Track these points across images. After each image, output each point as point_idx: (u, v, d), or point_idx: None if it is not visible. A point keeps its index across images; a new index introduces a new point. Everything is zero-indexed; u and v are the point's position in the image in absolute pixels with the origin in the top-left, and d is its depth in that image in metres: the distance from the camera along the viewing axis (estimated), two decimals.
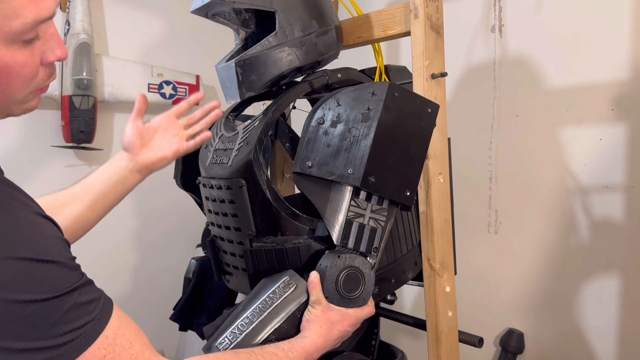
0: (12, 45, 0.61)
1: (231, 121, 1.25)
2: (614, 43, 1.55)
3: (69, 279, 0.65)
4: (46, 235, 0.65)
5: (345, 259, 0.94)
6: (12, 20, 0.59)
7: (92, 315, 0.66)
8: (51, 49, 0.67)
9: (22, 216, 0.64)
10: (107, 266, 2.05)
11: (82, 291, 0.66)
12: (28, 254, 0.61)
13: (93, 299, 0.67)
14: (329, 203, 0.97)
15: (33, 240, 0.63)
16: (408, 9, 1.11)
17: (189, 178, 1.32)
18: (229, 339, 0.91)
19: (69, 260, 0.66)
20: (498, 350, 1.87)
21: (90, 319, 0.66)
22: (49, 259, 0.63)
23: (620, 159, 1.57)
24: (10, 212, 0.63)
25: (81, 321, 0.65)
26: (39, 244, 0.63)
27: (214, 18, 1.17)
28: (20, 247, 0.61)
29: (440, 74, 1.11)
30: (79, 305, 0.65)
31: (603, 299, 1.63)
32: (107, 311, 0.69)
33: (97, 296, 0.68)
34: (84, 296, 0.66)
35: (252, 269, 1.09)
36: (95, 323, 0.66)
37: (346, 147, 0.96)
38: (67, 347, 0.63)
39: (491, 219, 1.87)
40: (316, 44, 1.12)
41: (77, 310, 0.64)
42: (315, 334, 0.91)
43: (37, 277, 0.61)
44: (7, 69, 0.62)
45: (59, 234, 0.68)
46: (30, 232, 0.63)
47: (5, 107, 0.67)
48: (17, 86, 0.65)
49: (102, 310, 0.68)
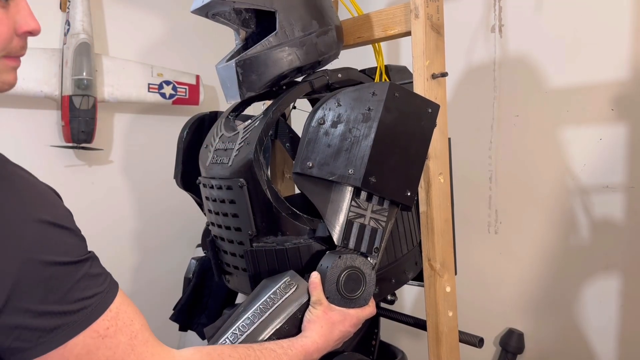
0: None
1: (231, 121, 1.24)
2: (614, 43, 1.55)
3: (81, 248, 0.68)
4: (61, 205, 0.69)
5: (346, 259, 0.94)
6: None
7: (102, 287, 0.69)
8: (24, 19, 0.69)
9: (36, 183, 0.68)
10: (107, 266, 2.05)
11: (93, 264, 0.69)
12: (49, 217, 0.64)
13: (101, 272, 0.70)
14: (329, 203, 0.97)
15: (50, 205, 0.67)
16: (408, 9, 1.11)
17: (189, 178, 1.32)
18: (230, 340, 0.91)
19: (79, 232, 0.69)
20: (498, 350, 1.87)
21: (100, 291, 0.68)
22: (65, 225, 0.66)
23: (620, 159, 1.57)
24: (33, 180, 0.67)
25: (92, 291, 0.67)
26: (55, 210, 0.67)
27: (214, 18, 1.17)
28: (41, 210, 0.64)
29: (441, 74, 1.11)
30: (90, 276, 0.68)
31: (603, 299, 1.63)
32: (114, 287, 0.71)
33: (105, 272, 0.71)
34: (94, 269, 0.69)
35: (252, 269, 1.09)
36: (104, 295, 0.69)
37: (347, 148, 0.96)
38: (80, 314, 0.65)
39: (491, 219, 1.87)
40: (316, 43, 1.12)
41: (89, 280, 0.67)
42: (317, 334, 0.91)
43: (58, 241, 0.65)
44: None
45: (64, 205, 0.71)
46: (47, 197, 0.67)
47: None
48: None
49: (109, 284, 0.70)
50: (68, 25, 1.92)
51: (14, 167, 0.67)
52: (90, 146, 1.98)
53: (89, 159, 2.06)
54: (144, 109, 2.20)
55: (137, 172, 2.18)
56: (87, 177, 2.05)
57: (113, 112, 2.14)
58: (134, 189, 2.18)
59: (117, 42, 2.12)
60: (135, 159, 2.18)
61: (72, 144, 1.94)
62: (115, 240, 2.12)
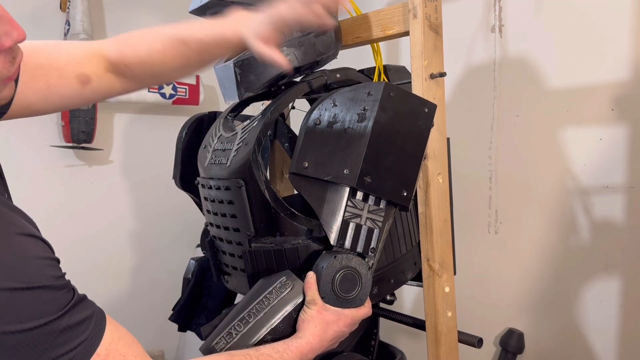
0: None
1: (230, 121, 1.24)
2: (614, 43, 1.55)
3: (58, 301, 0.62)
4: (31, 257, 0.62)
5: (342, 259, 0.94)
6: None
7: (85, 335, 0.65)
8: (5, 33, 0.60)
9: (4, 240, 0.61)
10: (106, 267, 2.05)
11: (74, 312, 0.64)
12: (12, 283, 0.58)
13: (85, 318, 0.66)
14: (325, 203, 0.96)
15: (17, 267, 0.60)
16: (407, 9, 1.11)
17: (187, 178, 1.32)
18: (226, 339, 0.92)
19: (57, 280, 0.64)
20: (498, 350, 1.87)
21: (83, 339, 0.64)
22: (36, 285, 0.60)
23: (620, 159, 1.56)
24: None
25: (74, 342, 0.63)
26: (23, 271, 0.60)
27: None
28: (4, 277, 0.58)
29: (439, 74, 1.10)
30: (71, 326, 0.63)
31: (603, 299, 1.63)
32: (100, 328, 0.67)
33: (89, 314, 0.67)
34: (76, 316, 0.64)
35: (250, 269, 1.09)
36: (88, 342, 0.65)
37: (342, 147, 0.96)
38: None
39: (491, 219, 1.87)
40: (315, 44, 1.12)
41: (69, 332, 0.63)
42: (310, 334, 0.91)
43: (24, 306, 0.59)
44: None
45: (46, 252, 0.65)
46: (14, 258, 0.60)
47: None
48: None
49: (94, 328, 0.66)
50: (68, 25, 1.93)
51: None
52: (90, 146, 1.98)
53: (89, 159, 2.06)
54: (143, 108, 2.20)
55: (137, 172, 2.18)
56: (87, 177, 2.06)
57: (113, 112, 2.14)
58: (134, 189, 2.18)
59: None
60: (135, 159, 2.18)
61: (72, 144, 1.94)
62: (115, 240, 2.13)
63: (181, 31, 0.94)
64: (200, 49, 0.95)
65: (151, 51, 0.94)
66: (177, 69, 0.98)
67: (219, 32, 0.94)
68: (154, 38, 0.95)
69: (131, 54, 0.94)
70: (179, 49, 0.94)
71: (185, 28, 0.95)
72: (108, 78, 0.94)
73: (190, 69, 1.01)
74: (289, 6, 0.89)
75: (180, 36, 0.94)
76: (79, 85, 0.89)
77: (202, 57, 0.97)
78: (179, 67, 0.97)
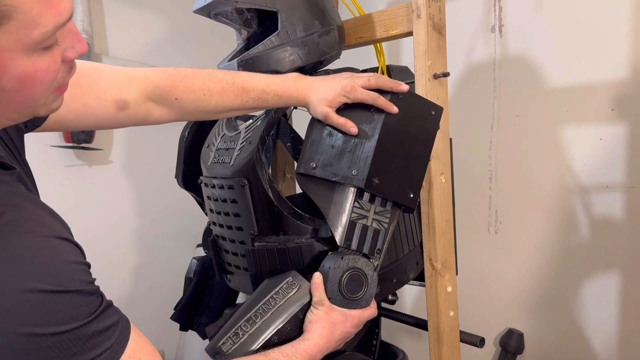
0: (33, 54, 0.58)
1: (233, 121, 1.25)
2: (614, 43, 1.56)
3: (89, 307, 0.64)
4: (66, 262, 0.63)
5: (349, 260, 0.94)
6: (32, 31, 0.56)
7: (111, 341, 0.66)
8: (71, 46, 0.64)
9: (41, 242, 0.62)
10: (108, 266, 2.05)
11: (102, 317, 0.65)
12: (47, 285, 0.59)
13: (112, 324, 0.67)
14: (332, 204, 0.97)
15: (51, 270, 0.61)
16: (410, 9, 1.11)
17: (190, 178, 1.32)
18: (232, 340, 0.91)
19: (88, 285, 0.65)
20: (498, 350, 1.87)
21: (110, 346, 0.65)
22: (69, 289, 0.61)
23: (620, 159, 1.57)
24: (28, 238, 0.61)
25: (101, 348, 0.64)
26: (57, 273, 0.61)
27: (217, 18, 1.17)
28: (40, 278, 0.59)
29: (443, 74, 1.11)
30: (99, 332, 0.64)
31: (603, 299, 1.63)
32: (125, 335, 0.68)
33: (116, 320, 0.68)
34: (104, 322, 0.65)
35: (253, 268, 1.09)
36: (114, 349, 0.66)
37: (350, 149, 0.96)
38: None
39: (491, 219, 1.87)
40: (318, 43, 1.12)
41: (97, 337, 0.64)
42: (318, 335, 0.91)
43: (58, 309, 0.60)
44: (30, 78, 0.59)
45: (79, 257, 0.66)
46: (48, 261, 0.61)
47: (31, 111, 0.65)
48: (40, 92, 0.62)
49: (120, 334, 0.67)
50: None
51: (19, 216, 0.62)
52: (90, 146, 1.98)
53: (89, 159, 2.05)
54: None
55: (137, 172, 2.18)
56: (87, 177, 2.05)
57: None
58: (134, 189, 2.18)
59: (117, 42, 2.11)
60: (135, 159, 2.17)
61: (72, 144, 1.94)
62: (116, 241, 2.12)
63: (244, 80, 1.00)
64: (259, 98, 1.01)
65: (208, 90, 0.98)
66: (231, 111, 1.03)
67: (284, 88, 1.01)
68: (209, 79, 0.99)
69: (185, 89, 0.97)
70: (238, 95, 1.00)
71: (248, 78, 1.00)
72: (146, 106, 0.96)
73: (241, 112, 1.06)
74: (365, 87, 0.98)
75: (241, 84, 1.00)
76: (115, 109, 0.92)
77: (257, 105, 1.03)
78: (233, 109, 1.02)
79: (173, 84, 0.96)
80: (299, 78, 1.02)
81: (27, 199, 0.66)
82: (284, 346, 0.89)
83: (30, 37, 0.57)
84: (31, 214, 0.64)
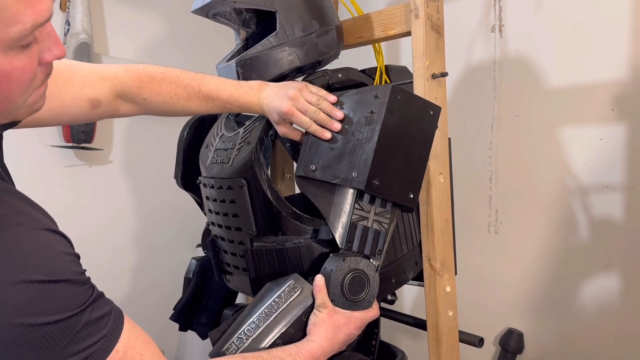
0: (10, 51, 0.58)
1: (232, 121, 1.25)
2: (614, 43, 1.56)
3: (81, 296, 0.64)
4: (56, 252, 0.64)
5: (350, 262, 0.94)
6: (10, 28, 0.57)
7: (105, 330, 0.66)
8: (48, 48, 0.64)
9: (30, 235, 0.63)
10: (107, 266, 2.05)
11: (94, 306, 0.66)
12: (39, 275, 0.60)
13: (105, 313, 0.67)
14: (332, 206, 0.97)
15: (43, 261, 0.62)
16: (409, 9, 1.11)
17: (189, 178, 1.32)
18: (236, 344, 0.91)
19: (79, 275, 0.65)
20: (498, 350, 1.87)
21: (103, 335, 0.66)
22: (60, 279, 0.62)
23: (620, 159, 1.57)
24: (17, 231, 0.62)
25: (94, 338, 0.65)
26: (49, 264, 0.62)
27: (215, 18, 1.17)
28: (31, 269, 0.60)
29: (441, 74, 1.11)
30: (92, 322, 0.65)
31: (603, 299, 1.63)
32: (119, 324, 0.69)
33: (109, 310, 0.68)
34: (96, 311, 0.66)
35: (252, 268, 1.09)
36: (107, 338, 0.66)
37: (350, 151, 0.96)
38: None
39: (491, 219, 1.87)
40: (317, 43, 1.12)
41: (90, 327, 0.64)
42: (322, 338, 0.91)
43: (50, 299, 0.61)
44: (6, 76, 0.60)
45: (68, 248, 0.67)
46: (40, 252, 0.62)
47: (8, 112, 0.65)
48: (17, 92, 0.62)
49: (113, 324, 0.68)
50: (68, 25, 1.92)
51: (6, 209, 0.63)
52: (90, 146, 1.98)
53: (89, 159, 2.05)
54: None
55: (137, 172, 2.18)
56: (87, 177, 2.05)
57: None
58: (134, 189, 2.18)
59: (117, 42, 2.12)
60: (135, 159, 2.18)
61: (72, 144, 1.94)
62: (115, 240, 2.12)
63: (209, 87, 1.05)
64: (223, 106, 1.07)
65: (175, 94, 1.03)
66: (195, 113, 1.11)
67: (244, 99, 1.06)
68: (177, 83, 1.03)
69: (152, 91, 1.01)
70: (203, 102, 1.05)
71: (214, 86, 1.05)
72: (116, 103, 1.00)
73: (206, 114, 1.14)
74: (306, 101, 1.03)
75: (207, 92, 1.04)
76: (89, 108, 0.96)
77: (222, 111, 1.10)
78: (197, 112, 1.09)
79: (141, 85, 1.00)
80: (261, 87, 1.06)
81: (12, 194, 0.67)
82: (288, 346, 0.90)
83: (8, 34, 0.57)
84: (18, 207, 0.65)
